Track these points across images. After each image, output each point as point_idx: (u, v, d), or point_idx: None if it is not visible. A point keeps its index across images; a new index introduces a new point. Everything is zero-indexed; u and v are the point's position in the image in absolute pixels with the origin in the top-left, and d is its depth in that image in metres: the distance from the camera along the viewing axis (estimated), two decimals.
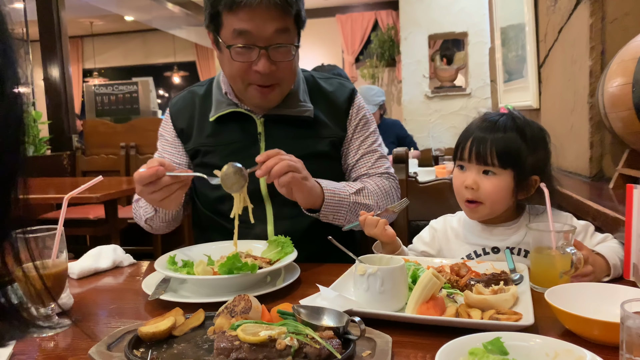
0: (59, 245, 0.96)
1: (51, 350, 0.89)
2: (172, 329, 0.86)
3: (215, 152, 1.45)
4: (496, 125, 1.23)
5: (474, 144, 1.23)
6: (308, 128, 1.45)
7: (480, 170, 1.23)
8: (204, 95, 1.51)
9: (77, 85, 10.48)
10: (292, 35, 1.33)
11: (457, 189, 1.28)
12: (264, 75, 1.32)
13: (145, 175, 1.15)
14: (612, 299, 0.86)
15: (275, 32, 1.28)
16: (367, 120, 1.54)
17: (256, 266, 1.08)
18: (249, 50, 1.30)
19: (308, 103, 1.47)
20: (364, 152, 1.51)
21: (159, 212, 1.39)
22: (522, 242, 1.26)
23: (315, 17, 8.83)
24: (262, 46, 1.29)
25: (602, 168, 1.78)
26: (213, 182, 1.21)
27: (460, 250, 1.32)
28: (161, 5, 7.38)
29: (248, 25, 1.27)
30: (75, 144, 5.05)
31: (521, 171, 1.21)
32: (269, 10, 1.25)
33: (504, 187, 1.22)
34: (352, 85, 1.58)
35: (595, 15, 1.71)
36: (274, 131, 1.45)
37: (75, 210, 3.57)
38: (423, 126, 7.05)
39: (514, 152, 1.20)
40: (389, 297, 0.95)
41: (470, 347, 0.70)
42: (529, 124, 1.25)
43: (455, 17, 6.84)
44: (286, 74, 1.37)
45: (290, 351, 0.73)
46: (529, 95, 2.56)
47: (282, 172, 1.20)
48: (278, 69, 1.33)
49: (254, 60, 1.30)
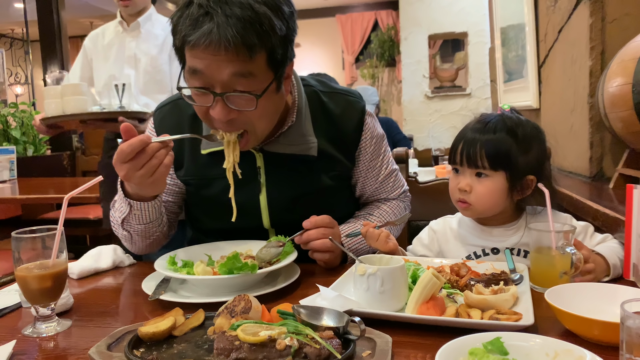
0: (59, 245, 0.96)
1: (51, 350, 0.89)
2: (172, 329, 0.86)
3: (212, 186, 1.32)
4: (486, 127, 1.23)
5: (464, 148, 1.24)
6: (312, 162, 1.31)
7: (474, 173, 1.24)
8: (193, 116, 1.30)
9: None
10: (258, 80, 1.09)
11: (452, 190, 1.30)
12: (223, 123, 1.13)
13: (135, 143, 1.02)
14: (612, 299, 0.86)
15: (232, 76, 1.06)
16: (377, 141, 1.40)
17: (256, 266, 1.08)
18: (204, 94, 1.11)
19: (312, 137, 1.30)
20: (382, 179, 1.44)
21: (134, 209, 1.21)
22: (521, 242, 1.26)
23: (315, 17, 8.84)
24: (217, 92, 1.08)
25: (602, 168, 1.78)
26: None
27: (459, 252, 1.32)
28: (161, 5, 7.38)
29: (201, 65, 1.06)
30: (75, 144, 5.06)
31: (514, 172, 1.21)
32: (221, 51, 1.03)
33: (498, 189, 1.22)
34: (361, 103, 1.39)
35: (595, 15, 1.71)
36: (274, 166, 1.31)
37: (75, 210, 3.57)
38: (423, 126, 7.06)
39: (504, 153, 1.20)
40: (389, 297, 0.95)
41: (470, 347, 0.70)
42: (522, 123, 1.25)
43: (455, 17, 6.85)
44: (253, 120, 1.15)
45: (290, 351, 0.73)
46: (529, 95, 2.56)
47: (321, 250, 1.22)
48: (241, 115, 1.13)
49: (210, 104, 1.11)
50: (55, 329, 0.95)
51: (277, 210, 1.33)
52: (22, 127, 4.43)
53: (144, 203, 1.21)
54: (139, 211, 1.22)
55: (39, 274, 0.94)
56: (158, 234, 1.31)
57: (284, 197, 1.32)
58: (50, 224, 0.98)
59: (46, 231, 0.97)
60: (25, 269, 0.95)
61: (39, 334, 0.94)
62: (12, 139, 4.33)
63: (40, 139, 4.59)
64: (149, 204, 1.22)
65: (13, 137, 4.33)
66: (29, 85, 6.46)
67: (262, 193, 1.32)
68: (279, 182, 1.32)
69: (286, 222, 1.32)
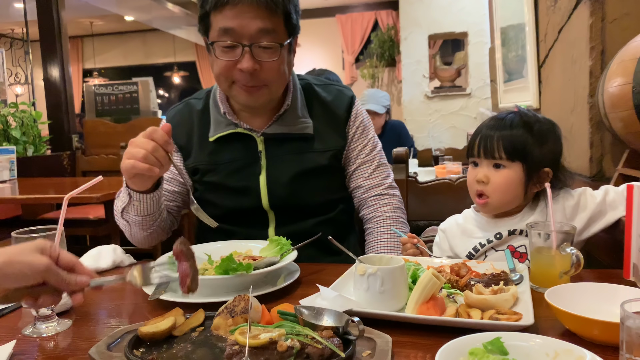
0: (58, 245, 0.96)
1: (51, 350, 0.89)
2: (172, 329, 0.86)
3: (217, 171, 1.44)
4: (503, 122, 1.27)
5: (482, 141, 1.27)
6: (308, 142, 1.45)
7: (491, 164, 1.26)
8: (202, 111, 1.49)
9: (77, 85, 10.48)
10: (279, 36, 1.30)
11: (469, 183, 1.32)
12: (247, 73, 1.29)
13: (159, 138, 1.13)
14: (612, 299, 0.86)
15: (259, 30, 1.26)
16: (364, 127, 1.52)
17: (251, 266, 1.07)
18: (232, 48, 1.28)
19: (307, 118, 1.45)
20: (361, 161, 1.51)
21: (133, 200, 1.29)
22: (521, 224, 1.27)
23: (315, 17, 8.84)
24: (245, 44, 1.27)
25: (602, 168, 1.78)
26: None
27: (467, 245, 1.33)
28: (161, 5, 7.38)
29: (232, 23, 1.26)
30: (75, 144, 5.06)
31: (530, 163, 1.24)
32: (252, 7, 1.24)
33: (515, 178, 1.24)
34: (351, 92, 1.55)
35: (595, 15, 1.71)
36: (274, 149, 1.44)
37: (75, 210, 3.57)
38: (423, 126, 7.05)
39: (521, 144, 1.23)
40: (389, 297, 0.95)
41: (470, 347, 0.70)
42: (538, 119, 1.28)
43: (455, 17, 6.84)
44: (272, 75, 1.33)
45: (292, 352, 0.73)
46: (529, 95, 2.56)
47: None
48: (263, 69, 1.30)
49: (237, 58, 1.29)
50: (55, 329, 0.95)
51: (276, 190, 1.42)
52: (22, 127, 4.43)
53: (142, 195, 1.28)
54: (138, 202, 1.30)
55: None
56: (155, 227, 1.38)
57: (283, 177, 1.42)
58: (50, 224, 0.99)
59: (46, 231, 0.97)
60: None
61: (39, 334, 0.94)
62: (12, 139, 4.32)
63: (41, 139, 4.59)
64: (148, 196, 1.29)
65: (13, 137, 4.33)
66: (29, 85, 6.45)
67: (262, 174, 1.42)
68: (278, 163, 1.43)
69: (284, 203, 1.43)
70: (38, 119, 4.60)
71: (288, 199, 1.42)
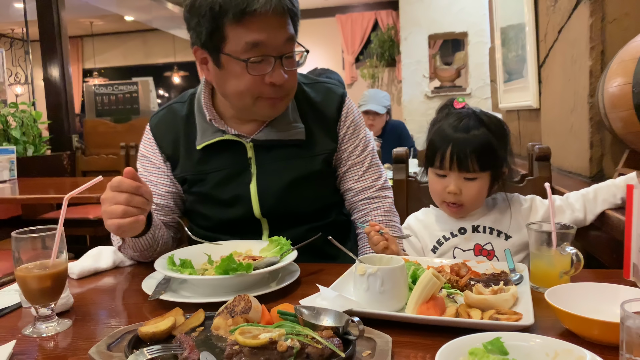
0: (59, 245, 0.96)
1: (51, 350, 0.89)
2: (172, 329, 0.86)
3: (205, 181, 1.38)
4: (464, 124, 1.25)
5: (454, 153, 1.25)
6: (299, 147, 1.39)
7: (462, 177, 1.27)
8: (186, 116, 1.42)
9: (77, 85, 10.49)
10: (295, 42, 1.29)
11: (437, 192, 1.32)
12: (277, 87, 1.26)
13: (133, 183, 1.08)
14: (612, 299, 0.86)
15: (286, 40, 1.24)
16: (356, 125, 1.47)
17: (251, 266, 1.07)
18: (263, 62, 1.23)
19: (299, 123, 1.39)
20: (352, 163, 1.45)
21: (127, 241, 1.28)
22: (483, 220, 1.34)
23: (315, 17, 8.85)
24: (276, 56, 1.23)
25: (602, 168, 1.78)
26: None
27: (430, 238, 1.37)
28: (161, 5, 7.39)
29: (261, 36, 1.20)
30: (75, 144, 5.06)
31: (498, 168, 1.29)
32: (278, 17, 1.20)
33: (485, 185, 1.29)
34: (341, 89, 1.49)
35: (595, 15, 1.71)
36: (264, 155, 1.38)
37: (75, 210, 3.57)
38: (423, 126, 7.03)
39: (492, 154, 1.26)
40: (389, 297, 0.95)
41: (470, 347, 0.70)
42: (490, 118, 1.30)
43: (455, 17, 6.84)
44: (294, 83, 1.33)
45: (292, 352, 0.73)
46: (529, 95, 2.56)
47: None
48: (289, 78, 1.28)
49: (268, 72, 1.24)
50: (55, 329, 0.95)
51: (267, 199, 1.37)
52: (22, 127, 4.43)
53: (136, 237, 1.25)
54: (132, 242, 1.27)
55: (38, 274, 0.94)
56: (156, 255, 1.30)
57: (273, 185, 1.37)
58: (50, 224, 0.98)
59: (46, 231, 0.96)
60: (25, 269, 0.95)
61: (39, 334, 0.93)
62: (12, 139, 4.33)
63: (41, 139, 4.59)
64: (142, 237, 1.26)
65: (13, 137, 4.33)
66: (29, 85, 6.45)
67: (252, 182, 1.37)
68: (268, 171, 1.38)
69: (277, 211, 1.38)
70: (38, 119, 4.60)
71: (280, 207, 1.37)
